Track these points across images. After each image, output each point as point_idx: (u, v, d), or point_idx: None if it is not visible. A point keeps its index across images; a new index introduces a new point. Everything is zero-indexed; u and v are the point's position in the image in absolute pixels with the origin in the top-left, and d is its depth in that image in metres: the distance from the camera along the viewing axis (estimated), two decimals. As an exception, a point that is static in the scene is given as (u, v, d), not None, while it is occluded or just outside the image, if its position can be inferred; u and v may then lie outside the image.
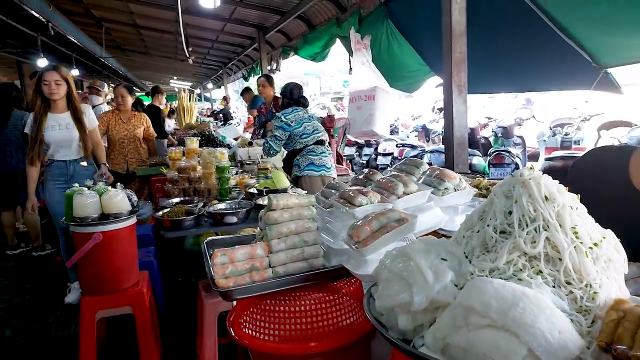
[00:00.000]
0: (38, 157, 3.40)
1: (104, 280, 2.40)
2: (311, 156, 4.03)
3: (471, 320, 0.85)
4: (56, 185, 3.49)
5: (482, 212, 1.06)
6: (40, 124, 3.37)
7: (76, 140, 3.47)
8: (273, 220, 1.35)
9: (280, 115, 4.06)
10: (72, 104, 3.46)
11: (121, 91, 4.80)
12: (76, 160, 3.54)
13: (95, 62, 13.58)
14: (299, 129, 4.04)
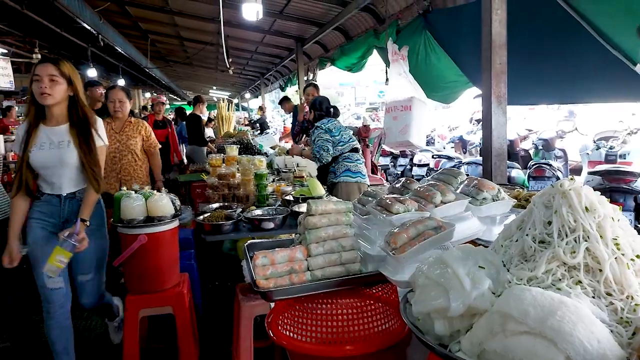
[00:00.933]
0: (25, 185, 2.40)
1: (148, 280, 2.51)
2: (347, 163, 4.12)
3: (508, 326, 0.86)
4: (41, 225, 2.45)
5: (521, 222, 1.07)
6: (28, 140, 2.38)
7: (72, 166, 2.40)
8: (312, 225, 1.40)
9: (319, 125, 4.17)
10: (75, 113, 2.44)
11: (118, 94, 3.94)
12: (75, 194, 2.46)
13: (140, 72, 14.16)
14: (337, 136, 4.14)
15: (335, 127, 4.18)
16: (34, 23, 7.28)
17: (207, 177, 3.68)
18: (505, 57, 3.10)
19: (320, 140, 4.15)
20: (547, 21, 3.48)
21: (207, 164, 4.44)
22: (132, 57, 10.46)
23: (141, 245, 2.40)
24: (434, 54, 5.00)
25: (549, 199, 1.01)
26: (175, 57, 14.59)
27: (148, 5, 8.22)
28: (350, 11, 5.77)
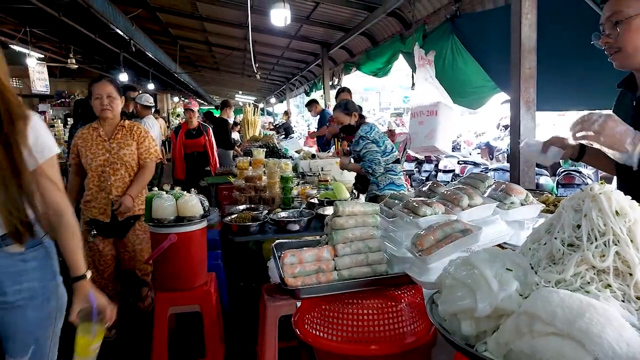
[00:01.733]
0: None
1: (177, 278, 2.58)
2: (391, 175, 4.00)
3: (535, 327, 0.87)
4: None
5: (550, 225, 1.07)
6: None
7: None
8: (339, 225, 1.43)
9: (364, 135, 3.97)
10: None
11: (106, 88, 3.05)
12: None
13: (170, 77, 14.50)
14: (382, 147, 3.99)
15: (380, 137, 4.01)
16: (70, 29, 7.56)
17: (234, 180, 3.76)
18: (534, 61, 3.07)
19: (370, 153, 3.93)
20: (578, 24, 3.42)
21: (234, 167, 4.53)
22: (162, 62, 10.74)
23: (171, 244, 2.48)
24: (461, 59, 4.97)
25: (579, 203, 1.01)
26: (203, 63, 14.89)
27: (178, 12, 8.43)
28: (376, 16, 5.80)
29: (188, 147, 6.26)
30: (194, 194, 2.66)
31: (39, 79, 9.55)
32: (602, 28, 1.54)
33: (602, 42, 1.55)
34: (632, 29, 1.44)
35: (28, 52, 8.57)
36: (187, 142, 6.28)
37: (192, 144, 6.28)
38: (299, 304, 1.62)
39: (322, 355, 1.46)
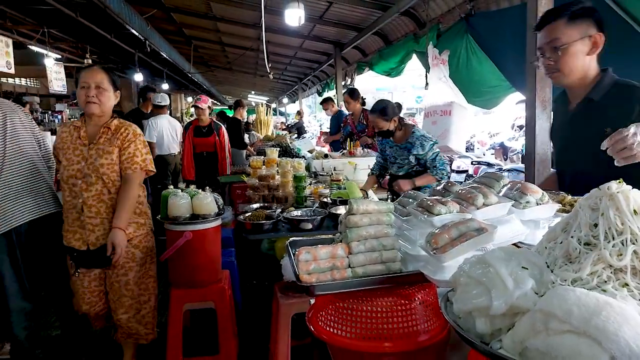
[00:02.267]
0: None
1: (191, 275, 2.61)
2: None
3: (551, 325, 0.87)
4: None
5: (566, 224, 1.07)
6: None
7: None
8: (353, 223, 1.43)
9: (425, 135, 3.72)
10: None
11: (96, 77, 2.54)
12: None
13: (183, 77, 14.65)
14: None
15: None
16: (86, 29, 7.69)
17: (247, 179, 3.79)
18: (550, 61, 3.04)
19: (439, 155, 3.63)
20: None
21: (247, 166, 4.56)
22: (176, 62, 10.85)
23: (186, 241, 2.51)
24: (475, 58, 4.94)
25: (596, 202, 1.01)
26: (216, 62, 15.00)
27: (192, 12, 8.52)
28: (390, 15, 5.79)
29: (197, 146, 5.89)
30: (209, 192, 2.69)
31: (57, 79, 9.71)
32: (542, 51, 1.76)
33: (543, 64, 1.76)
34: (569, 54, 1.68)
35: (46, 52, 8.73)
36: (196, 141, 5.88)
37: (201, 142, 5.88)
38: (312, 301, 1.63)
39: (336, 351, 1.47)
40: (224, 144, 5.92)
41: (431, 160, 3.62)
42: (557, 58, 1.69)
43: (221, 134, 5.92)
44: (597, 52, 1.73)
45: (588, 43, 1.69)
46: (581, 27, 1.68)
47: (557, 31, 1.68)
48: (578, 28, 1.68)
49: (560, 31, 1.67)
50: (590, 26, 1.69)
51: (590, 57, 1.73)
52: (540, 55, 1.78)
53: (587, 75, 1.76)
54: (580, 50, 1.69)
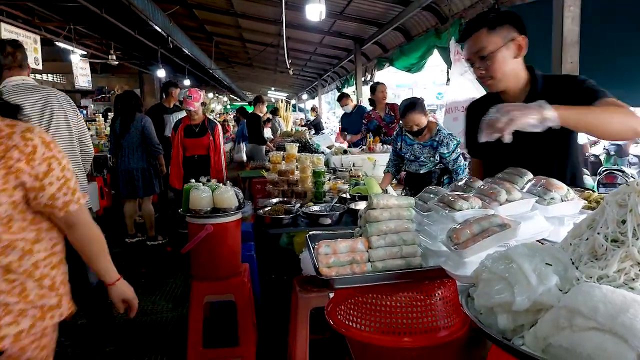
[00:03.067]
0: None
1: (212, 268, 2.65)
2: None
3: (576, 322, 0.85)
4: None
5: (592, 221, 1.04)
6: None
7: None
8: (373, 218, 1.43)
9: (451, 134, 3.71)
10: None
11: None
12: None
13: (204, 73, 14.79)
14: None
15: None
16: (111, 26, 7.82)
17: (267, 174, 3.82)
18: (577, 56, 2.97)
19: (460, 157, 3.59)
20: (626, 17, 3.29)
21: (267, 161, 4.59)
22: (197, 59, 10.96)
23: (207, 234, 2.54)
24: (498, 54, 4.85)
25: (624, 198, 0.99)
26: (237, 59, 15.10)
27: (214, 8, 8.59)
28: (411, 10, 5.73)
29: (188, 148, 5.03)
30: (230, 186, 2.72)
31: (82, 74, 9.92)
32: (471, 62, 1.83)
33: (475, 73, 1.84)
34: (497, 60, 1.74)
35: (72, 48, 8.91)
36: (187, 142, 5.00)
37: (192, 144, 4.98)
38: (331, 294, 1.63)
39: (355, 345, 1.47)
40: (219, 145, 5.07)
41: (453, 162, 3.60)
42: (486, 66, 1.77)
43: (216, 133, 5.06)
44: (523, 54, 1.80)
45: (513, 47, 1.76)
46: (502, 33, 1.74)
47: (481, 41, 1.75)
48: (500, 34, 1.74)
49: (484, 40, 1.74)
50: (512, 30, 1.75)
51: (518, 60, 1.80)
52: (470, 65, 1.85)
53: (519, 77, 1.83)
54: (507, 55, 1.76)
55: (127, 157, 5.46)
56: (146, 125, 5.42)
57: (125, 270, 4.86)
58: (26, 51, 2.96)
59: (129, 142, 5.43)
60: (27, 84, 2.79)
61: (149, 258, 5.25)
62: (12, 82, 2.74)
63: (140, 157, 5.46)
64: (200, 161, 4.99)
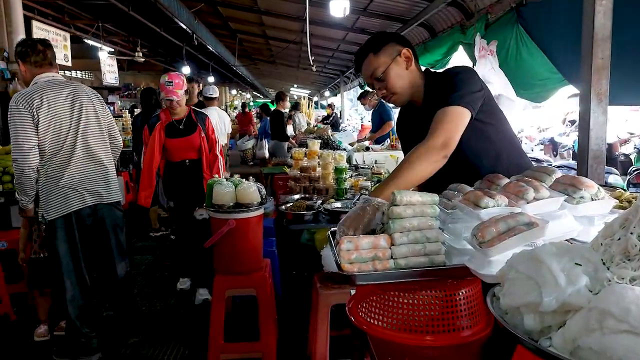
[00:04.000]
0: None
1: (234, 262, 2.67)
2: None
3: (607, 324, 0.82)
4: None
5: (625, 220, 1.01)
6: None
7: None
8: (396, 214, 1.41)
9: None
10: None
11: None
12: None
13: (228, 70, 14.93)
14: None
15: None
16: (138, 23, 7.97)
17: (289, 170, 3.83)
18: (608, 51, 2.87)
19: None
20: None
21: (289, 158, 4.60)
22: (221, 56, 11.07)
23: (229, 229, 2.57)
24: (525, 50, 4.74)
25: (659, 197, 0.95)
26: (260, 56, 15.18)
27: (238, 5, 8.64)
28: (436, 6, 5.65)
29: (173, 152, 3.77)
30: (252, 182, 2.74)
31: (109, 71, 10.14)
32: (372, 87, 1.95)
33: (379, 94, 1.94)
34: (391, 77, 1.85)
35: (100, 45, 9.12)
36: (171, 144, 3.72)
37: (178, 146, 3.73)
38: (353, 291, 1.63)
39: (377, 343, 1.46)
40: (214, 142, 3.86)
41: None
42: (385, 85, 1.87)
43: (209, 127, 3.87)
44: (413, 63, 1.90)
45: (401, 60, 1.86)
46: (387, 51, 1.85)
47: (371, 65, 1.86)
48: (386, 53, 1.85)
49: (374, 63, 1.85)
50: (395, 46, 1.87)
51: (411, 70, 1.89)
52: (372, 89, 1.97)
53: (418, 84, 1.92)
54: (399, 69, 1.86)
55: None
56: None
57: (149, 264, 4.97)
58: (55, 48, 3.05)
59: None
60: (57, 80, 2.87)
61: (172, 252, 5.34)
62: (43, 78, 2.84)
63: None
64: (194, 168, 3.79)
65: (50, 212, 2.76)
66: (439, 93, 1.80)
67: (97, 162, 2.89)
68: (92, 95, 2.98)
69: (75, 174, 2.80)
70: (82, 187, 2.80)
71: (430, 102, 1.87)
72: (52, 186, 2.76)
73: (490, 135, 1.90)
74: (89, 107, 2.90)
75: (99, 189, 2.87)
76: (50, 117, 2.73)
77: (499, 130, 1.95)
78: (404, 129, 2.17)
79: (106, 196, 2.90)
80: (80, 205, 2.79)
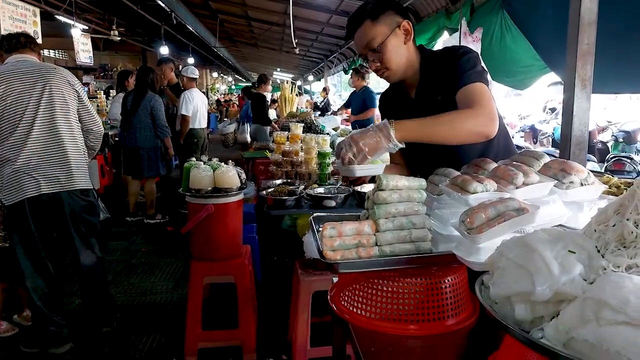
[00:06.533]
0: None
1: (212, 249, 2.59)
2: None
3: (603, 314, 0.78)
4: None
5: (620, 206, 0.97)
6: None
7: None
8: (382, 199, 1.35)
9: None
10: None
11: None
12: None
13: (209, 52, 14.60)
14: None
15: None
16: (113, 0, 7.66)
17: (270, 154, 3.74)
18: (593, 37, 2.85)
19: None
20: None
21: (271, 142, 4.50)
22: (201, 36, 10.79)
23: (207, 214, 2.48)
24: (510, 36, 4.72)
25: (657, 182, 0.91)
26: (242, 38, 14.89)
27: (219, -16, 8.39)
28: (421, -10, 5.56)
29: None
30: (232, 166, 2.65)
31: (83, 50, 9.77)
32: (364, 57, 1.78)
33: (371, 67, 1.79)
34: (388, 50, 1.69)
35: (73, 23, 8.74)
36: None
37: None
38: (335, 279, 1.57)
39: (359, 332, 1.41)
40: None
41: None
42: (380, 58, 1.72)
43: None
44: (412, 38, 1.75)
45: (400, 33, 1.71)
46: (386, 20, 1.69)
47: (368, 33, 1.69)
48: (385, 23, 1.69)
49: (371, 32, 1.69)
50: (395, 16, 1.71)
51: (409, 45, 1.75)
52: (365, 61, 1.81)
53: (413, 62, 1.78)
54: (397, 42, 1.71)
55: (135, 135, 5.37)
56: (155, 105, 5.33)
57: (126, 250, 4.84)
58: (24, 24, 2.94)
59: (137, 120, 5.34)
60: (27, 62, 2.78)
61: (150, 238, 5.22)
62: (14, 58, 2.77)
63: (148, 137, 5.38)
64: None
65: (7, 198, 2.64)
66: (441, 70, 1.68)
67: (57, 147, 2.71)
68: (62, 80, 2.80)
69: (32, 157, 2.65)
70: (37, 173, 2.64)
71: (431, 81, 1.76)
72: (7, 169, 2.63)
73: None
74: (55, 90, 2.74)
75: (58, 175, 2.71)
76: (6, 96, 2.62)
77: None
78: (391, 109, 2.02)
79: (66, 183, 2.74)
80: (34, 193, 2.64)
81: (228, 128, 9.18)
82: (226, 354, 2.78)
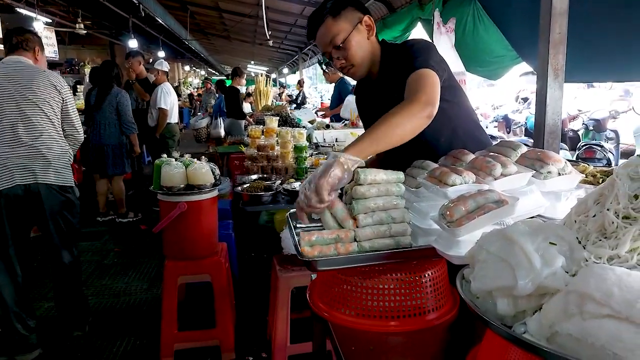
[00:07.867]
0: None
1: (186, 248, 2.52)
2: None
3: (587, 308, 0.77)
4: None
5: (600, 196, 0.95)
6: None
7: None
8: (360, 194, 1.32)
9: None
10: None
11: None
12: None
13: (180, 45, 14.27)
14: None
15: None
16: (78, -8, 7.37)
17: (245, 149, 3.66)
18: (565, 26, 2.87)
19: None
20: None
21: (246, 137, 4.42)
22: (171, 29, 10.52)
23: (180, 213, 2.41)
24: (482, 26, 4.74)
25: (636, 170, 0.90)
26: (213, 30, 14.60)
27: (188, -25, 8.17)
28: (394, -20, 5.54)
29: None
30: (205, 162, 2.58)
31: (47, 44, 9.37)
32: (328, 55, 1.77)
33: (336, 65, 1.78)
34: (352, 45, 1.70)
35: (35, 15, 8.38)
36: None
37: None
38: (314, 276, 1.54)
39: (338, 330, 1.38)
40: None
41: None
42: (345, 54, 1.72)
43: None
44: (374, 33, 1.76)
45: (363, 28, 1.73)
46: (348, 16, 1.70)
47: (331, 30, 1.69)
48: (346, 19, 1.69)
49: (334, 29, 1.69)
50: (355, 12, 1.72)
51: (372, 40, 1.77)
52: (329, 59, 1.79)
53: (376, 56, 1.79)
54: (360, 37, 1.72)
55: (99, 131, 5.21)
56: (121, 100, 5.18)
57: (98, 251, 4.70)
58: None
59: (102, 116, 5.17)
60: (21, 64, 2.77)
61: (122, 237, 5.08)
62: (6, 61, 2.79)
63: (113, 134, 5.22)
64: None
65: None
66: (397, 64, 1.68)
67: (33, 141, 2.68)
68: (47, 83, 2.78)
69: (4, 148, 2.61)
70: (10, 162, 2.60)
71: (387, 74, 1.77)
72: None
73: (447, 112, 1.80)
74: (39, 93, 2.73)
75: (33, 167, 2.63)
76: None
77: (456, 106, 1.87)
78: (362, 104, 2.06)
79: (42, 176, 2.65)
80: (8, 184, 2.55)
81: (200, 123, 9.00)
82: (204, 354, 2.72)
